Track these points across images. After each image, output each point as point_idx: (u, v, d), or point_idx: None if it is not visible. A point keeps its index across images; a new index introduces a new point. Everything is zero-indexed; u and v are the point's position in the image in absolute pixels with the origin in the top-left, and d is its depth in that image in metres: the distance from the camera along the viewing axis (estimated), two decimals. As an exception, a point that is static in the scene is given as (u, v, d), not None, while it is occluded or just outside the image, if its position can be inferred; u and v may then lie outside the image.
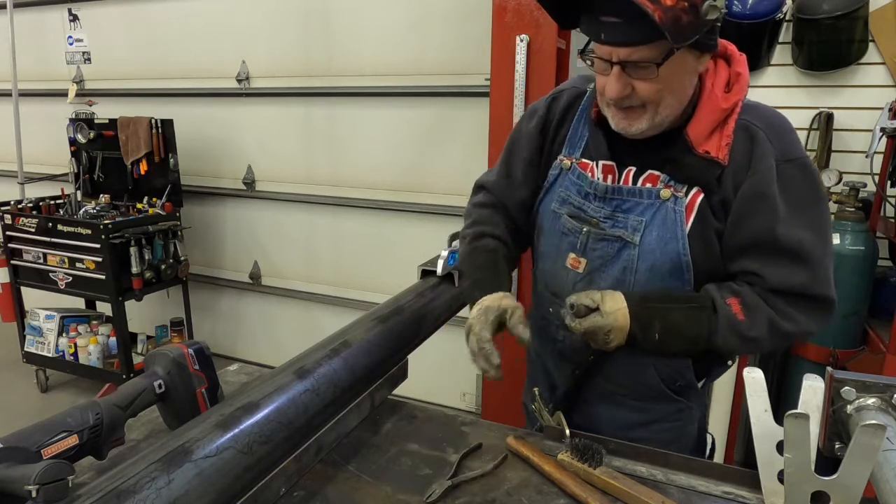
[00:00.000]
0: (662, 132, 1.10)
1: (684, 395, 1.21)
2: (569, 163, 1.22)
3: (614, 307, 1.09)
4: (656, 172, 1.12)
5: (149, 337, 3.99)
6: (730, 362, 1.25)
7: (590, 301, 1.10)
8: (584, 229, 1.18)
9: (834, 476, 0.76)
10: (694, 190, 1.09)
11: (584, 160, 1.20)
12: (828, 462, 0.83)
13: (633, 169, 1.15)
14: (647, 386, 1.20)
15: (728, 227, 1.09)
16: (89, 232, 3.31)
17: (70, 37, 4.26)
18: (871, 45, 2.62)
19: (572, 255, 1.20)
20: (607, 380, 1.23)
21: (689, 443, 1.24)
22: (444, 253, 1.47)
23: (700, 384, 1.23)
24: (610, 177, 1.17)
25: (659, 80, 1.02)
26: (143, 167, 3.69)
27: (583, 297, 1.11)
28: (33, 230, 3.50)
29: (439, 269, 1.44)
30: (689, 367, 1.18)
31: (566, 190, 1.22)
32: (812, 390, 0.87)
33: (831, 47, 2.61)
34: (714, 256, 1.11)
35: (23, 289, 3.78)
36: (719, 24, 1.01)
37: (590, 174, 1.18)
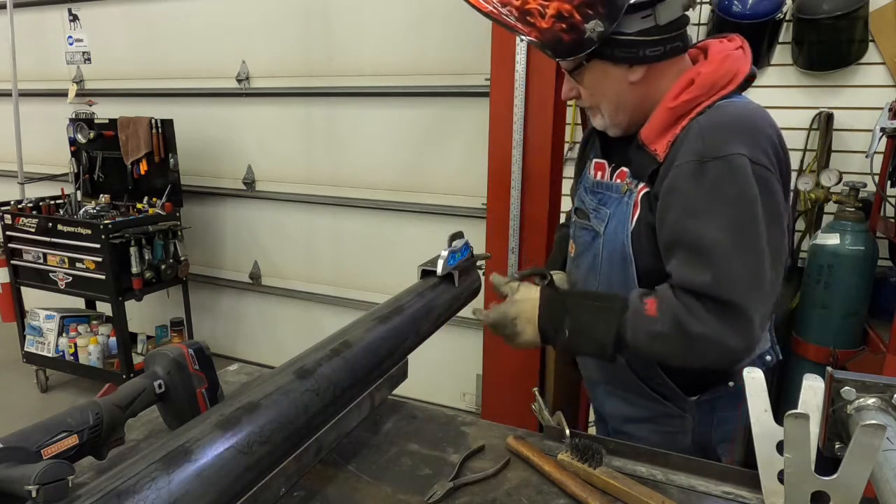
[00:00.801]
0: (636, 132, 1.16)
1: (672, 401, 1.22)
2: (590, 163, 1.34)
3: (525, 296, 1.17)
4: (625, 169, 1.20)
5: (149, 337, 3.99)
6: (731, 384, 1.19)
7: (507, 289, 1.21)
8: (575, 218, 1.33)
9: (834, 476, 0.76)
10: (641, 184, 1.14)
11: (595, 160, 1.31)
12: (828, 462, 0.83)
13: (614, 165, 1.25)
14: (625, 380, 1.25)
15: (656, 223, 1.10)
16: (89, 232, 3.31)
17: (70, 37, 4.26)
18: (871, 45, 2.62)
19: (571, 242, 1.37)
20: (596, 368, 1.34)
21: (679, 451, 1.22)
22: (444, 253, 1.47)
23: (695, 399, 1.21)
24: (599, 173, 1.28)
25: (587, 86, 1.16)
26: (143, 167, 3.69)
27: (503, 286, 1.22)
28: (33, 230, 3.50)
29: (439, 269, 1.43)
30: (660, 372, 1.19)
31: (581, 187, 1.35)
32: (812, 390, 0.87)
33: (831, 47, 2.61)
34: (654, 252, 1.12)
35: (23, 289, 3.78)
36: (648, 33, 1.06)
37: (590, 172, 1.31)
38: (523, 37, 1.06)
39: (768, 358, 1.25)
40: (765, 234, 1.01)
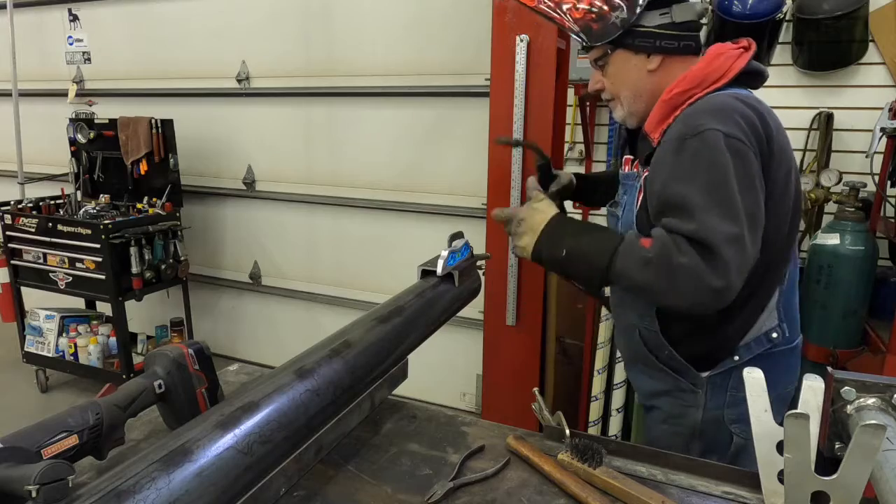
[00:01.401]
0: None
1: (684, 376, 1.32)
2: (622, 160, 1.48)
3: (540, 208, 1.35)
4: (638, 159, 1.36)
5: (149, 337, 3.99)
6: (737, 357, 1.27)
7: (532, 193, 1.45)
8: (609, 209, 1.51)
9: (834, 476, 0.76)
10: (644, 170, 1.28)
11: (625, 157, 1.46)
12: (828, 462, 0.83)
13: (635, 159, 1.39)
14: (639, 352, 1.38)
15: (647, 196, 1.25)
16: (89, 232, 3.31)
17: (70, 37, 4.26)
18: (871, 45, 2.62)
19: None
20: (623, 347, 1.49)
21: (688, 425, 1.33)
22: (444, 253, 1.47)
23: (706, 375, 1.30)
24: (627, 167, 1.42)
25: (610, 76, 1.32)
26: (143, 167, 3.69)
27: (533, 194, 1.43)
28: (33, 230, 3.50)
29: (439, 269, 1.43)
30: (665, 342, 1.31)
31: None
32: (812, 390, 0.87)
33: (831, 47, 2.61)
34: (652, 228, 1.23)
35: (23, 289, 3.77)
36: (666, 29, 1.25)
37: (622, 168, 1.46)
38: (561, 25, 1.28)
39: (774, 335, 1.28)
40: (738, 198, 1.10)
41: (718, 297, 1.09)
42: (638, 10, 1.22)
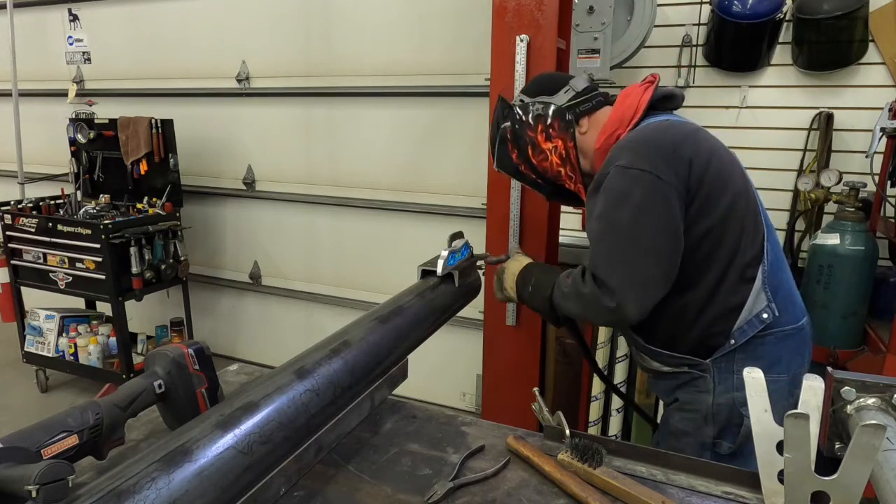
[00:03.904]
0: None
1: (692, 367, 1.41)
2: None
3: (519, 259, 1.65)
4: None
5: (149, 337, 3.99)
6: (732, 341, 1.35)
7: (512, 251, 1.75)
8: None
9: (834, 476, 0.76)
10: None
11: None
12: (828, 462, 0.83)
13: None
14: (650, 367, 1.50)
15: None
16: (89, 232, 3.31)
17: (70, 37, 4.26)
18: (871, 45, 2.62)
19: None
20: (636, 357, 1.59)
21: (701, 409, 1.40)
22: (444, 253, 1.47)
23: (709, 360, 1.37)
24: None
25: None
26: (143, 167, 3.69)
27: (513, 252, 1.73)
28: (33, 230, 3.50)
29: (439, 269, 1.44)
30: (665, 353, 1.43)
31: None
32: (812, 390, 0.87)
33: (831, 47, 2.61)
34: None
35: (23, 289, 3.77)
36: (573, 102, 1.49)
37: None
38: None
39: (765, 316, 1.34)
40: (631, 223, 1.27)
41: (618, 314, 1.29)
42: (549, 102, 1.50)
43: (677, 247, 1.29)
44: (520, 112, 1.53)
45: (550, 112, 1.48)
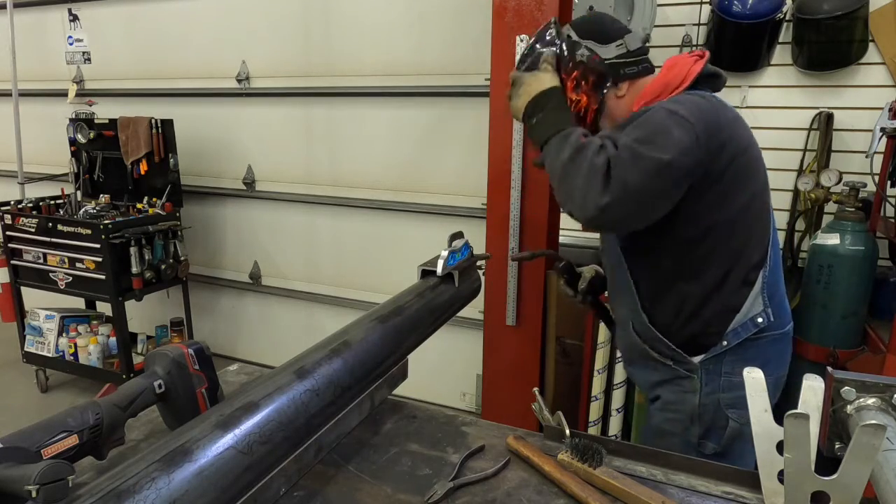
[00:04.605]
0: None
1: (677, 363, 1.39)
2: None
3: (542, 77, 1.38)
4: None
5: (149, 337, 3.99)
6: (725, 343, 1.33)
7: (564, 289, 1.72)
8: None
9: (834, 476, 0.76)
10: None
11: None
12: (828, 462, 0.83)
13: None
14: (636, 346, 1.45)
15: None
16: (89, 232, 3.31)
17: (70, 37, 4.25)
18: (871, 45, 2.62)
19: None
20: (625, 349, 1.54)
21: (686, 410, 1.39)
22: (444, 253, 1.47)
23: (698, 360, 1.36)
24: None
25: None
26: (143, 167, 3.69)
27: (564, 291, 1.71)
28: (33, 230, 3.50)
29: (439, 269, 1.44)
30: (659, 336, 1.39)
31: None
32: (812, 390, 0.87)
33: (831, 47, 2.61)
34: None
35: (23, 289, 3.77)
36: (622, 61, 1.38)
37: None
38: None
39: (759, 320, 1.33)
40: (663, 161, 1.17)
41: (595, 201, 1.19)
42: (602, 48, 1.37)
43: (663, 207, 1.24)
44: (565, 48, 1.38)
45: (594, 65, 1.36)
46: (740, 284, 1.32)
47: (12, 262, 3.66)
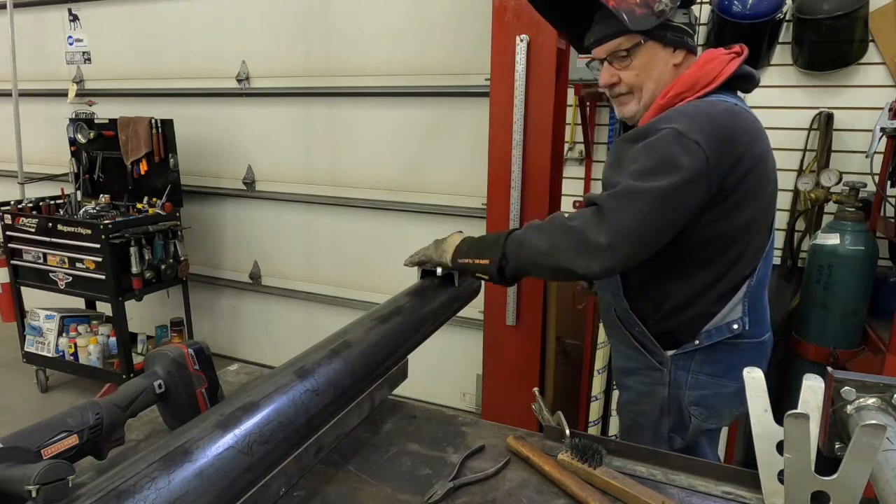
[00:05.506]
0: None
1: (651, 354, 1.42)
2: None
3: (451, 238, 1.44)
4: None
5: (149, 337, 3.99)
6: (697, 342, 1.35)
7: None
8: None
9: (834, 476, 0.76)
10: None
11: None
12: (828, 462, 0.83)
13: None
14: (616, 329, 1.48)
15: None
16: (89, 232, 3.31)
17: (70, 37, 4.25)
18: (871, 45, 2.62)
19: None
20: (604, 325, 1.56)
21: (656, 402, 1.43)
22: (445, 253, 1.47)
23: (670, 353, 1.38)
24: None
25: (635, 67, 1.32)
26: (143, 167, 3.69)
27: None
28: (33, 230, 3.49)
29: (439, 270, 1.44)
30: (637, 320, 1.41)
31: None
32: (812, 390, 0.87)
33: (831, 47, 2.61)
34: None
35: (23, 289, 3.77)
36: (688, 27, 1.31)
37: None
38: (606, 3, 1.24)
39: (735, 326, 1.35)
40: (666, 192, 1.16)
41: (604, 253, 1.16)
42: (678, 4, 1.28)
43: (671, 234, 1.23)
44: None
45: (662, 20, 1.26)
46: (726, 292, 1.33)
47: (12, 262, 3.66)
